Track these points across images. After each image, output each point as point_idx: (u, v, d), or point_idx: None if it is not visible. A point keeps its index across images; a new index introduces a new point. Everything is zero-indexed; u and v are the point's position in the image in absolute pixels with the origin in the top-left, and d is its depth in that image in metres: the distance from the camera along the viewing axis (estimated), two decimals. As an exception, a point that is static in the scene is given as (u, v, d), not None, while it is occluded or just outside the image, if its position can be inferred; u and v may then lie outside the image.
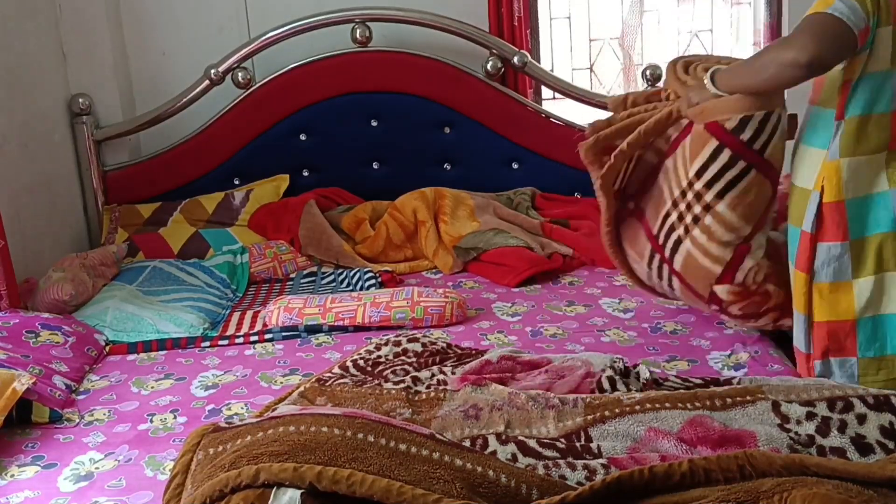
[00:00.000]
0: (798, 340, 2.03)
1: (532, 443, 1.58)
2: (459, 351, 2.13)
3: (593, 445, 1.57)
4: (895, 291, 1.93)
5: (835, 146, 1.92)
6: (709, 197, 2.09)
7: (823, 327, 1.96)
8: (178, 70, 3.36)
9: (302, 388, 1.88)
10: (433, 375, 1.93)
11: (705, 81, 2.07)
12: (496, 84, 3.28)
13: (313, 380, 1.94)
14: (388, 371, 1.95)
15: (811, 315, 1.98)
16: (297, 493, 1.29)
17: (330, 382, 1.89)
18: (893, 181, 1.92)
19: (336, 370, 1.98)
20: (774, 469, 1.33)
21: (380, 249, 3.03)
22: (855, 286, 1.94)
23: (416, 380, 1.90)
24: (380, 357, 2.04)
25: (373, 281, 2.76)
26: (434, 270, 2.98)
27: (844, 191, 1.92)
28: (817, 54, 1.82)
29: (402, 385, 1.87)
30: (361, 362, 2.01)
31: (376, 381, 1.89)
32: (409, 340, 2.12)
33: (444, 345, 2.14)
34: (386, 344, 2.10)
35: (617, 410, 1.64)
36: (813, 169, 1.97)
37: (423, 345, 2.10)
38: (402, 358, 2.04)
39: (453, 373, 1.94)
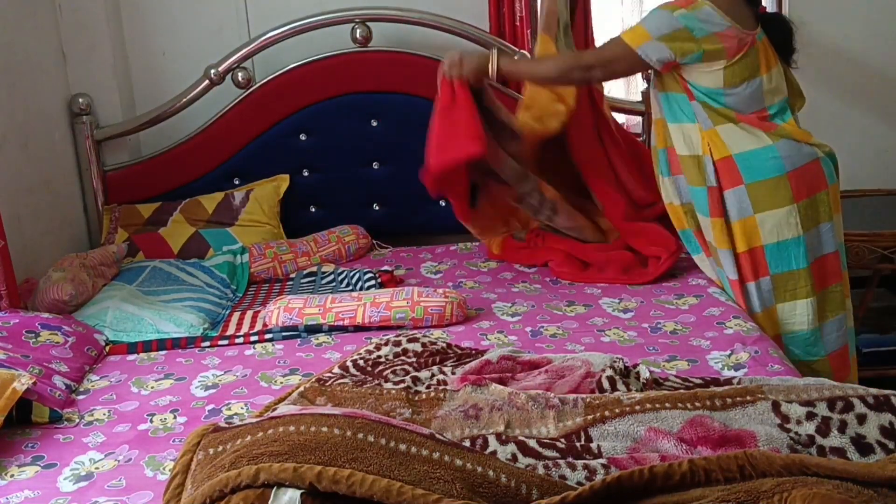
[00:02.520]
0: (729, 272, 2.47)
1: (532, 443, 1.58)
2: (459, 351, 2.13)
3: (593, 445, 1.57)
4: (786, 223, 2.39)
5: (704, 119, 2.41)
6: None
7: (746, 255, 2.44)
8: (178, 70, 3.36)
9: (302, 388, 1.89)
10: (433, 375, 1.93)
11: (492, 61, 2.51)
12: (496, 84, 3.27)
13: (313, 380, 1.94)
14: (388, 371, 1.95)
15: (735, 248, 2.45)
16: (297, 493, 1.29)
17: (330, 382, 1.89)
18: (774, 137, 2.38)
19: (336, 370, 1.98)
20: (774, 469, 1.33)
21: None
22: (758, 220, 2.41)
23: (416, 380, 1.90)
24: (380, 357, 2.04)
25: (373, 281, 2.76)
26: (435, 271, 2.98)
27: (729, 148, 2.40)
28: (601, 79, 2.66)
29: (402, 385, 1.87)
30: (361, 362, 2.01)
31: (376, 382, 1.89)
32: (409, 340, 2.12)
33: (444, 345, 2.14)
34: (386, 344, 2.10)
35: (617, 410, 1.64)
36: (691, 138, 2.45)
37: (423, 345, 2.10)
38: (402, 358, 2.04)
39: (453, 373, 1.94)
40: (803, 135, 2.43)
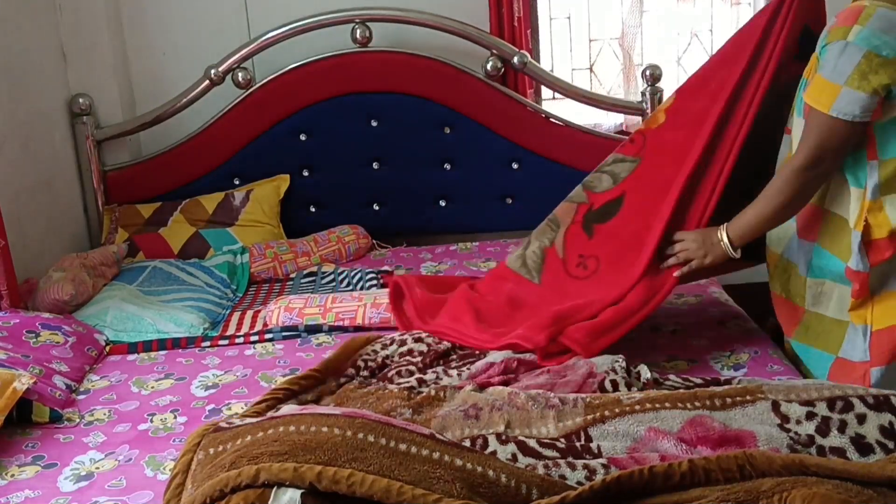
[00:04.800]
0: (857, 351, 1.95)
1: (532, 443, 1.58)
2: (463, 351, 2.13)
3: (593, 445, 1.57)
4: None
5: (872, 185, 1.87)
6: None
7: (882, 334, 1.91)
8: (178, 70, 3.36)
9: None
10: (438, 378, 1.93)
11: (722, 238, 2.03)
12: (496, 84, 3.28)
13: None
14: (393, 372, 1.95)
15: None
16: (297, 492, 1.29)
17: (343, 382, 1.90)
18: None
19: (349, 371, 1.99)
20: (774, 469, 1.33)
21: None
22: None
23: (421, 381, 1.90)
24: (386, 357, 2.05)
25: (374, 281, 2.76)
26: (435, 271, 2.98)
27: (892, 222, 1.86)
28: (833, 164, 1.87)
29: (405, 386, 1.87)
30: (370, 362, 2.01)
31: (381, 383, 1.90)
32: (415, 340, 2.13)
33: (449, 345, 2.14)
34: (391, 343, 2.11)
35: (617, 410, 1.64)
36: (854, 206, 1.90)
37: (428, 345, 2.11)
38: (408, 358, 2.05)
39: (459, 375, 1.95)
40: None
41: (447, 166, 3.34)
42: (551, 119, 3.33)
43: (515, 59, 3.22)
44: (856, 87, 1.77)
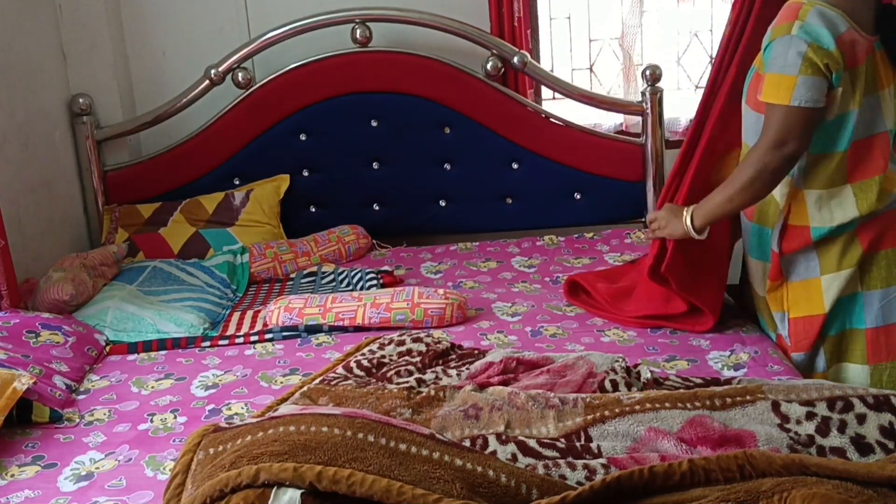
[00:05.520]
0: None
1: (532, 443, 1.58)
2: (462, 351, 2.13)
3: (593, 445, 1.57)
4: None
5: (798, 177, 2.08)
6: None
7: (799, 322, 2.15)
8: (178, 70, 3.36)
9: (304, 388, 1.89)
10: (437, 377, 1.93)
11: (685, 220, 2.19)
12: (496, 84, 3.28)
13: (317, 380, 1.94)
14: (392, 372, 1.95)
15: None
16: (297, 492, 1.29)
17: (334, 383, 1.90)
18: (861, 209, 2.03)
19: (340, 370, 1.98)
20: (774, 469, 1.33)
21: None
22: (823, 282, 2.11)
23: (420, 381, 1.90)
24: (384, 357, 2.05)
25: (374, 281, 2.76)
26: (435, 271, 2.98)
27: (810, 219, 2.08)
28: (798, 147, 2.00)
29: (404, 386, 1.87)
30: (365, 362, 2.01)
31: (380, 383, 1.89)
32: (414, 340, 2.13)
33: (448, 345, 2.14)
34: (390, 343, 2.11)
35: (617, 410, 1.65)
36: (781, 192, 2.11)
37: (427, 345, 2.11)
38: (407, 358, 2.04)
39: (458, 375, 1.95)
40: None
41: (447, 166, 3.34)
42: (551, 119, 3.33)
43: (515, 59, 3.22)
44: (810, 73, 1.93)
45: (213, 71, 3.21)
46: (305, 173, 3.34)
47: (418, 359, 2.03)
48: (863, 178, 2.04)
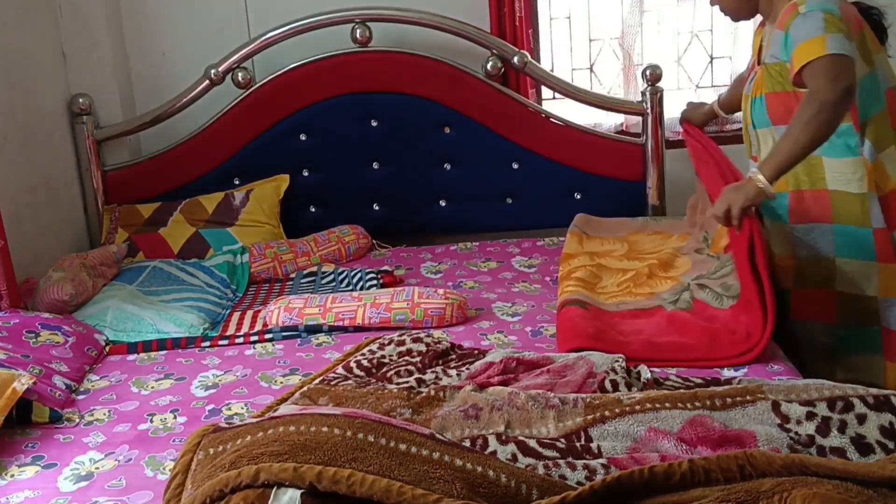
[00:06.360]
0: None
1: (532, 443, 1.58)
2: (462, 351, 2.13)
3: (593, 445, 1.57)
4: None
5: (868, 150, 2.19)
6: None
7: None
8: (178, 70, 3.36)
9: (304, 388, 1.89)
10: (437, 377, 1.93)
11: (756, 177, 2.08)
12: (496, 84, 3.28)
13: (317, 380, 1.94)
14: (392, 372, 1.95)
15: None
16: (297, 493, 1.29)
17: (334, 383, 1.90)
18: None
19: (340, 370, 1.98)
20: (774, 469, 1.33)
21: None
22: None
23: (420, 381, 1.90)
24: (384, 357, 2.05)
25: (374, 281, 2.76)
26: (435, 271, 2.98)
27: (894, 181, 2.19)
28: (849, 84, 2.03)
29: (404, 386, 1.87)
30: (365, 362, 2.01)
31: (380, 383, 1.89)
32: (413, 340, 2.12)
33: (448, 345, 2.14)
34: (390, 343, 2.11)
35: (617, 410, 1.64)
36: (860, 174, 2.19)
37: (427, 345, 2.11)
38: (406, 358, 2.04)
39: (458, 375, 1.94)
40: None
41: (447, 166, 3.34)
42: (551, 119, 3.33)
43: (515, 59, 3.22)
44: (834, 31, 2.05)
45: (213, 71, 3.21)
46: (305, 173, 3.34)
47: (418, 359, 2.03)
48: None
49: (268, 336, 2.43)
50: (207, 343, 2.42)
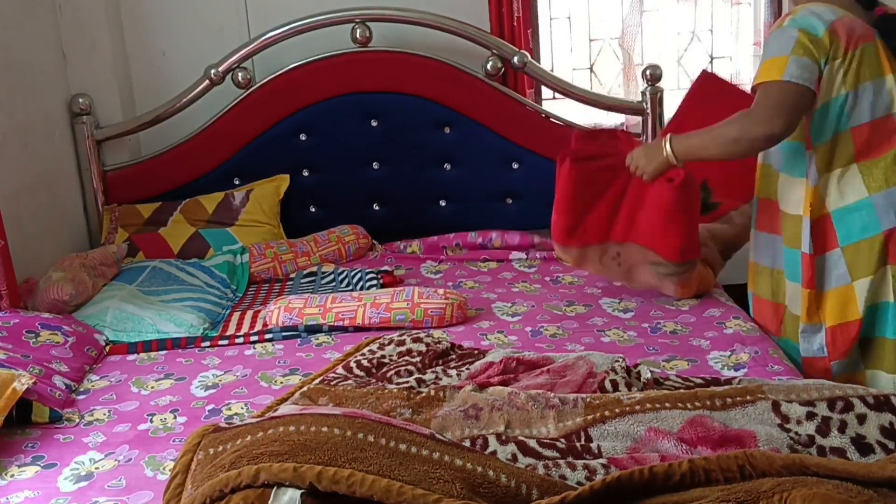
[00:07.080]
0: (816, 349, 2.16)
1: (532, 443, 1.58)
2: (462, 351, 2.13)
3: (593, 445, 1.57)
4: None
5: (812, 173, 2.09)
6: None
7: (835, 331, 2.12)
8: (178, 70, 3.36)
9: (304, 388, 1.89)
10: (437, 377, 1.93)
11: (665, 147, 2.23)
12: (496, 84, 3.28)
13: (317, 380, 1.94)
14: (392, 372, 1.95)
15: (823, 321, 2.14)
16: (297, 493, 1.29)
17: (334, 383, 1.90)
18: (871, 188, 2.06)
19: (340, 370, 1.98)
20: (774, 469, 1.33)
21: None
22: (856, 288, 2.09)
23: (420, 381, 1.90)
24: (384, 357, 2.05)
25: (374, 281, 2.76)
26: (435, 271, 2.98)
27: (827, 205, 2.10)
28: (785, 126, 2.02)
29: (405, 386, 1.87)
30: (365, 363, 2.01)
31: (380, 383, 1.89)
32: (413, 340, 2.12)
33: (448, 345, 2.14)
34: (390, 343, 2.11)
35: (617, 410, 1.64)
36: (799, 196, 2.13)
37: (427, 345, 2.11)
38: (406, 358, 2.04)
39: (458, 375, 1.94)
40: None
41: (447, 166, 3.34)
42: (551, 119, 3.33)
43: (515, 59, 3.22)
44: (801, 54, 1.99)
45: (212, 71, 3.21)
46: (305, 173, 3.34)
47: (418, 359, 2.03)
48: (869, 158, 2.06)
49: (268, 336, 2.43)
50: (207, 343, 2.42)
